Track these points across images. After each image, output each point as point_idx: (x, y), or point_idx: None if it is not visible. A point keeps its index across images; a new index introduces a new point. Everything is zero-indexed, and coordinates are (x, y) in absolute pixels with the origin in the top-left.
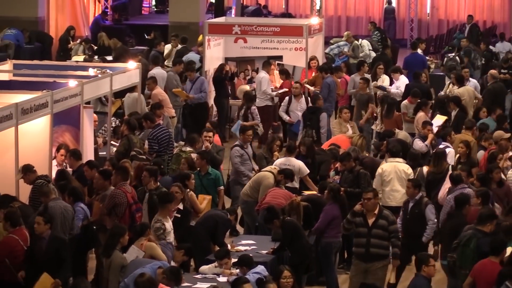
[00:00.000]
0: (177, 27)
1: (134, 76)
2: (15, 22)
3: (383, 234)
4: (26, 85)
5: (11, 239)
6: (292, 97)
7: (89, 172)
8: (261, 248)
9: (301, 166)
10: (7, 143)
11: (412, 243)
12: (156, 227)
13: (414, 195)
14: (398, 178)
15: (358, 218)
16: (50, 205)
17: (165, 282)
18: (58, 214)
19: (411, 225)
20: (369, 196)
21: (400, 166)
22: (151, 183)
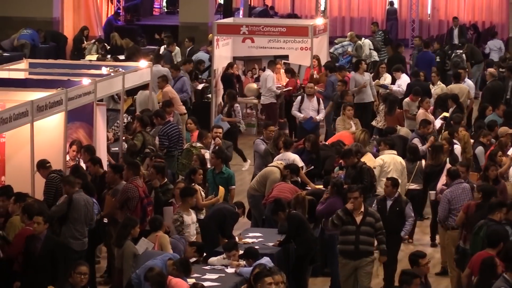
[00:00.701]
0: (187, 27)
1: (145, 75)
2: (30, 23)
3: (370, 231)
4: (42, 83)
5: (27, 231)
6: (305, 96)
7: (92, 168)
8: (268, 240)
9: (296, 160)
10: (23, 139)
11: (389, 238)
12: (174, 219)
13: (393, 193)
14: (396, 169)
15: (345, 216)
16: (74, 196)
17: (175, 273)
18: (82, 206)
19: (390, 222)
20: (356, 195)
21: (397, 158)
22: (156, 180)
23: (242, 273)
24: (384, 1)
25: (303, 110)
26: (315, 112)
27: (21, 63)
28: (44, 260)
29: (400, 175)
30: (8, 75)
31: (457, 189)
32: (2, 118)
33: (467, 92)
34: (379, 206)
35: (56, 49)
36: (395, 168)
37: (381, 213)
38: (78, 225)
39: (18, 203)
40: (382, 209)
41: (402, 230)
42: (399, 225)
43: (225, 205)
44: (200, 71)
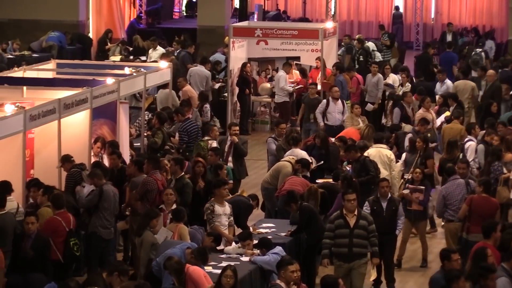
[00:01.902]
0: (205, 30)
1: (165, 75)
2: (58, 26)
3: (363, 233)
4: (68, 82)
5: (54, 220)
6: (330, 99)
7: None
8: (280, 230)
9: (303, 156)
10: (51, 135)
11: (387, 238)
12: (206, 207)
13: (388, 194)
14: (382, 161)
15: (338, 220)
16: (104, 188)
17: (193, 261)
18: (111, 197)
19: (389, 222)
20: (352, 197)
21: (384, 151)
22: (177, 171)
23: (256, 261)
24: (390, 6)
25: (329, 113)
26: (340, 114)
27: (49, 63)
28: (34, 258)
29: (386, 167)
30: (37, 74)
31: (452, 185)
32: (31, 115)
33: (471, 89)
34: (374, 208)
35: (81, 50)
36: (380, 161)
37: (379, 215)
38: (107, 215)
39: (46, 195)
40: (378, 211)
41: (396, 229)
42: (395, 224)
43: (240, 198)
44: (217, 71)
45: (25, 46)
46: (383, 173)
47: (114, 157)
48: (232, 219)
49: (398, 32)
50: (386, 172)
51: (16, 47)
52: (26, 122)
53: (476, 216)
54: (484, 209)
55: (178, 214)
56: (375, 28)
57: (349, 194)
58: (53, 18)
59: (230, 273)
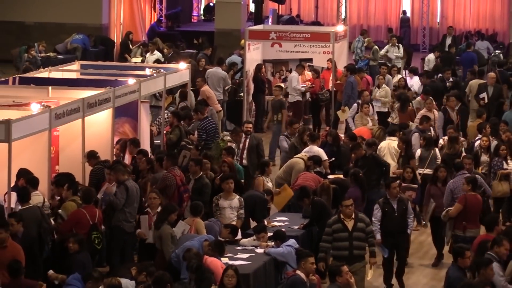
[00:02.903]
0: (222, 33)
1: (184, 75)
2: (82, 28)
3: (362, 236)
4: (92, 82)
5: (80, 212)
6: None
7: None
8: (293, 224)
9: (320, 153)
10: (75, 133)
11: (401, 238)
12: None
13: (397, 194)
14: (390, 153)
15: (336, 225)
16: (128, 184)
17: (210, 253)
18: (135, 192)
19: (401, 221)
20: (350, 203)
21: (393, 143)
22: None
23: (271, 253)
24: (398, 10)
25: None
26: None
27: (74, 64)
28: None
29: (394, 158)
30: (62, 75)
31: (459, 180)
32: (56, 114)
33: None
34: (386, 209)
35: (104, 52)
36: (389, 152)
37: (391, 215)
38: (131, 209)
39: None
40: (390, 211)
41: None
42: (406, 223)
43: (255, 193)
44: (234, 72)
45: (51, 48)
46: (391, 163)
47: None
48: (241, 212)
49: (406, 35)
50: (394, 162)
51: (42, 49)
52: (51, 120)
53: (471, 213)
54: (476, 206)
55: (195, 209)
56: (383, 32)
57: (346, 200)
58: (77, 21)
59: (232, 272)
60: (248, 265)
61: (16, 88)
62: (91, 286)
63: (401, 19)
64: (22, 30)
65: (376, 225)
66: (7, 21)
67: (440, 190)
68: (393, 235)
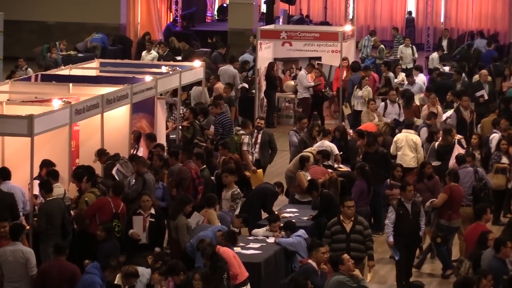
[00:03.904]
0: (235, 32)
1: (199, 73)
2: (101, 28)
3: (360, 238)
4: (110, 80)
5: (104, 200)
6: (388, 102)
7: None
8: (303, 215)
9: (332, 147)
10: (95, 127)
11: (413, 239)
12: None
13: (412, 197)
14: (408, 145)
15: (334, 226)
16: (146, 177)
17: (223, 243)
18: (152, 184)
19: (414, 224)
20: (351, 204)
21: (410, 136)
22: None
23: (281, 243)
24: (404, 11)
25: (388, 115)
26: (397, 115)
27: (93, 62)
28: None
29: (412, 150)
30: (82, 72)
31: (462, 173)
32: (76, 109)
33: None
34: (400, 212)
35: (122, 50)
36: (407, 144)
37: (405, 218)
38: None
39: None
40: (405, 214)
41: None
42: (419, 225)
43: (267, 185)
44: (246, 70)
45: (71, 47)
46: (409, 155)
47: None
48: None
49: (411, 35)
50: (412, 154)
51: (63, 48)
52: (72, 115)
53: (455, 203)
54: (459, 197)
55: (209, 200)
56: (389, 31)
57: (348, 201)
58: (97, 21)
59: (198, 276)
60: (259, 254)
61: (38, 85)
62: (109, 274)
63: (406, 19)
64: (44, 30)
65: (389, 227)
66: (30, 21)
67: (426, 185)
68: (406, 237)
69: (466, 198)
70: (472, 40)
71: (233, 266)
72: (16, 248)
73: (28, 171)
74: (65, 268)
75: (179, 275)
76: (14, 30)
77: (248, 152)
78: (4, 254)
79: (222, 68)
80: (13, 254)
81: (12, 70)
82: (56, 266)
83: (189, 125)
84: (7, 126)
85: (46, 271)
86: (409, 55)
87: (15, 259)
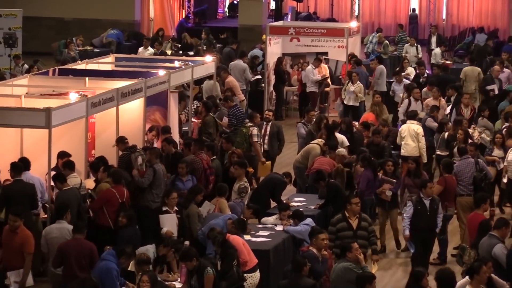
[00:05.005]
0: (245, 29)
1: (210, 67)
2: (117, 24)
3: (365, 234)
4: (125, 74)
5: (109, 192)
6: (412, 100)
7: (167, 147)
8: (310, 204)
9: (343, 139)
10: (110, 120)
11: (430, 235)
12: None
13: (432, 194)
14: (410, 135)
15: (340, 223)
16: (156, 168)
17: (233, 231)
18: (162, 175)
19: (431, 220)
20: (358, 201)
21: (412, 126)
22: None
23: (289, 231)
24: (407, 8)
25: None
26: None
27: (109, 57)
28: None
29: (414, 139)
30: (98, 67)
31: (463, 163)
32: (92, 102)
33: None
34: (418, 207)
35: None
36: (409, 134)
37: (423, 214)
38: (158, 190)
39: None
40: (423, 210)
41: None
42: (436, 222)
43: (276, 175)
44: (255, 64)
45: (88, 42)
46: (411, 144)
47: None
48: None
49: (414, 31)
50: (413, 143)
51: (79, 43)
52: (88, 108)
53: (450, 193)
54: (453, 187)
55: (221, 190)
56: (393, 28)
57: (354, 198)
58: (112, 17)
59: (146, 278)
60: (268, 242)
61: (55, 78)
62: (124, 261)
63: (410, 16)
64: (61, 26)
65: (406, 221)
66: (48, 17)
67: (413, 181)
68: (422, 232)
69: (467, 188)
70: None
71: (243, 253)
72: (62, 226)
73: (45, 162)
74: (82, 245)
75: (192, 261)
76: (33, 26)
77: (258, 143)
78: (50, 231)
79: (232, 63)
80: (60, 232)
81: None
82: (73, 244)
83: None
84: (26, 118)
85: (64, 249)
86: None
87: (61, 235)
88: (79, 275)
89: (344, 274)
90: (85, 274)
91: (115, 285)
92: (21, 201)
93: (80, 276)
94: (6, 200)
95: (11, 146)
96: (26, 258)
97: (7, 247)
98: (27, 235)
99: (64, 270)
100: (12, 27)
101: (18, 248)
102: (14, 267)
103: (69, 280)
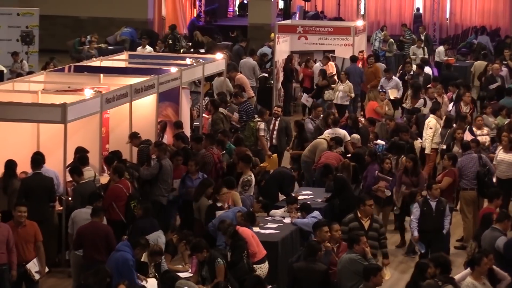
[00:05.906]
0: (254, 27)
1: (221, 65)
2: (130, 22)
3: (375, 235)
4: (138, 71)
5: (117, 187)
6: (427, 99)
7: (176, 143)
8: (317, 197)
9: (345, 134)
10: (124, 115)
11: (435, 236)
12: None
13: (438, 195)
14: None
15: (352, 223)
16: (163, 162)
17: (243, 223)
18: (169, 170)
19: (437, 221)
20: (371, 203)
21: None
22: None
23: (297, 223)
24: (412, 7)
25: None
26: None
27: (122, 55)
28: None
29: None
30: (112, 64)
31: (467, 158)
32: (107, 98)
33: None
34: (424, 209)
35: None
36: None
37: (429, 215)
38: (165, 185)
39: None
40: (428, 211)
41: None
42: (443, 223)
43: (284, 169)
44: (264, 62)
45: (102, 40)
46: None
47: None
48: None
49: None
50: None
51: (94, 41)
52: (102, 104)
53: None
54: (457, 180)
55: (230, 183)
56: (398, 27)
57: (368, 200)
58: (126, 16)
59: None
60: (276, 234)
61: (71, 75)
62: (139, 252)
63: (414, 15)
64: (77, 24)
65: (414, 222)
66: (64, 16)
67: (409, 179)
68: (428, 234)
69: (470, 182)
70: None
71: (252, 245)
72: (89, 211)
73: (61, 156)
74: (98, 228)
75: (202, 252)
76: (49, 24)
77: (264, 138)
78: (79, 214)
79: (242, 61)
80: (88, 216)
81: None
82: (90, 227)
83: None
84: (42, 113)
85: (82, 232)
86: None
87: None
88: (96, 257)
89: (350, 265)
90: (101, 256)
91: (132, 274)
92: (40, 194)
93: (96, 258)
94: (25, 193)
95: (28, 141)
96: (40, 246)
97: (19, 242)
98: (33, 224)
99: (84, 252)
100: (29, 25)
101: (30, 239)
102: (29, 259)
103: (88, 261)
